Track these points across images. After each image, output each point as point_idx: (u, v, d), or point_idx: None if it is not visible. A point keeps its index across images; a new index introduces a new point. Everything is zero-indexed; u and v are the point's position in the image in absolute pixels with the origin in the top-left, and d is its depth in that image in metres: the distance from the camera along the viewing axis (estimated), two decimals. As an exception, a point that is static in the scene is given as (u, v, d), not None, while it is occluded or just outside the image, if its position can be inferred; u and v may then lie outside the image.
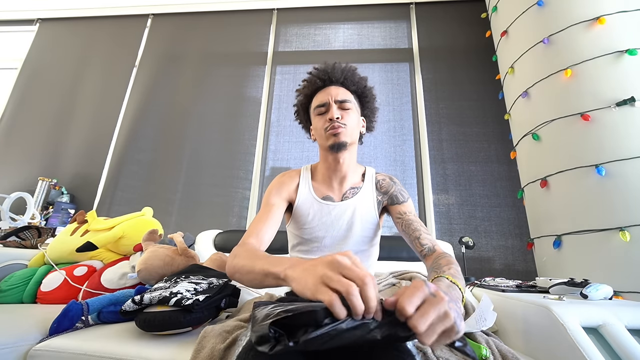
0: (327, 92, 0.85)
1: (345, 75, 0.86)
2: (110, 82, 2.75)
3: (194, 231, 1.61)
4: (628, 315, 0.70)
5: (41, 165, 2.53)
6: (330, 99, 0.83)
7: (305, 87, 0.90)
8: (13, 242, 1.40)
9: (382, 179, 0.92)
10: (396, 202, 0.87)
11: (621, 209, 1.25)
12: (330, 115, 0.81)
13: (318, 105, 0.85)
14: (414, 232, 0.80)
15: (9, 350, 0.71)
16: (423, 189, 2.16)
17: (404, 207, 0.86)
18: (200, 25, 2.86)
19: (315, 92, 0.88)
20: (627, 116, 1.31)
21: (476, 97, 2.31)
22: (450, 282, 0.53)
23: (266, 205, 0.84)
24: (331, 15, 2.75)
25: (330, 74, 0.86)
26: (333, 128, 0.81)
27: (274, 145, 2.43)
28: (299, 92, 0.93)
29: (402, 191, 0.90)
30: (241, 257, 0.64)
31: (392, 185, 0.90)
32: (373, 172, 0.94)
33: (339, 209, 0.85)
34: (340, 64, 0.88)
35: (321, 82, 0.86)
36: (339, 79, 0.86)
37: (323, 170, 0.90)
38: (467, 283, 1.23)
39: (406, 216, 0.83)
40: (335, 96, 0.84)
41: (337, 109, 0.83)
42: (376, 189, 0.90)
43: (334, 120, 0.81)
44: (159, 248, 1.13)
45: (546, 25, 1.59)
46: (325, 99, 0.84)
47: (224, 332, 0.68)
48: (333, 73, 0.86)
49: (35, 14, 3.06)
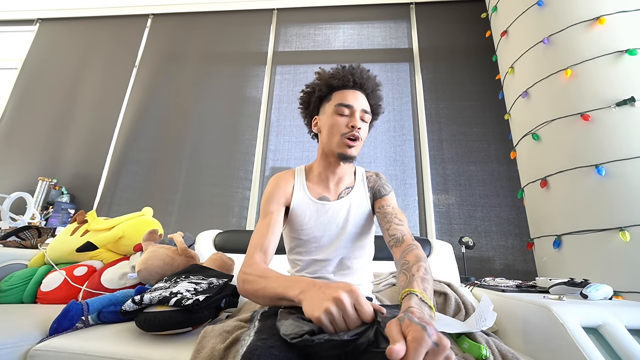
0: (355, 96, 0.83)
1: (373, 89, 0.86)
2: (110, 82, 2.75)
3: (194, 231, 1.61)
4: (628, 315, 0.69)
5: (41, 165, 2.53)
6: (358, 105, 0.82)
7: (332, 76, 0.84)
8: (13, 242, 1.40)
9: (370, 175, 0.93)
10: (378, 197, 0.88)
11: (621, 209, 1.25)
12: (354, 122, 0.79)
13: (343, 104, 0.81)
14: (385, 225, 0.80)
15: (9, 350, 0.71)
16: (423, 189, 2.16)
17: (384, 200, 0.87)
18: (200, 25, 2.86)
19: (341, 89, 0.84)
20: (627, 116, 1.31)
21: (476, 97, 2.31)
22: (421, 299, 0.52)
23: (265, 215, 0.82)
24: (331, 15, 2.75)
25: (364, 81, 0.84)
26: (352, 138, 0.80)
27: (274, 145, 2.43)
28: (320, 77, 0.87)
29: (385, 185, 0.91)
30: (252, 283, 0.66)
31: (377, 180, 0.92)
32: (363, 172, 0.95)
33: (335, 207, 0.85)
34: (372, 76, 0.86)
35: (352, 83, 0.84)
36: (367, 90, 0.85)
37: (320, 170, 0.89)
38: (467, 283, 1.23)
39: (383, 209, 0.84)
40: (364, 105, 0.83)
41: (360, 119, 0.81)
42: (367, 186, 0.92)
43: (356, 128, 0.79)
44: (159, 248, 1.13)
45: (546, 25, 1.59)
46: (353, 102, 0.82)
47: (224, 332, 0.68)
48: (367, 82, 0.84)
49: (35, 14, 3.06)
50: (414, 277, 0.58)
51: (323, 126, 0.86)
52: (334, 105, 0.82)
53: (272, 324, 0.56)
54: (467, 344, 0.68)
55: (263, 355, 0.45)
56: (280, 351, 0.46)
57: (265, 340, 0.49)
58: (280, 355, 0.46)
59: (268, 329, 0.55)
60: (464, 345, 0.69)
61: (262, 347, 0.47)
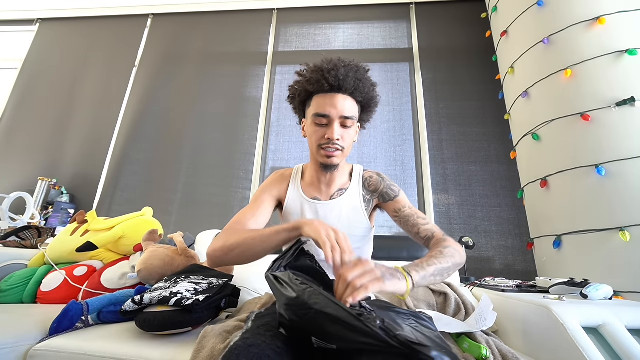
0: (332, 102, 0.74)
1: (356, 85, 0.76)
2: (110, 82, 2.75)
3: (194, 231, 1.60)
4: (628, 315, 0.70)
5: (41, 165, 2.53)
6: (335, 114, 0.74)
7: (308, 81, 0.77)
8: (13, 242, 1.40)
9: (370, 176, 0.89)
10: (388, 199, 0.85)
11: (621, 209, 1.25)
12: (330, 134, 0.74)
13: (318, 113, 0.75)
14: (412, 229, 0.79)
15: (9, 350, 0.71)
16: (423, 189, 2.16)
17: (397, 203, 0.84)
18: (200, 25, 2.86)
19: (319, 92, 0.77)
20: (627, 116, 1.31)
21: (476, 97, 2.31)
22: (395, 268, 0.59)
23: (255, 201, 0.83)
24: (331, 15, 2.75)
25: (341, 82, 0.74)
26: (329, 150, 0.76)
27: (274, 145, 2.43)
28: (299, 82, 0.81)
29: (392, 186, 0.87)
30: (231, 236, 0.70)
31: (381, 182, 0.87)
32: (360, 170, 0.90)
33: (325, 208, 0.84)
34: (353, 68, 0.76)
35: (329, 86, 0.74)
36: (348, 90, 0.75)
37: (312, 172, 0.88)
38: (467, 283, 1.23)
39: (402, 212, 0.82)
40: (341, 111, 0.75)
41: (339, 127, 0.75)
42: (364, 187, 0.88)
43: (333, 141, 0.75)
44: (159, 248, 1.13)
45: (546, 25, 1.59)
46: (328, 110, 0.74)
47: (224, 332, 0.68)
48: (346, 81, 0.74)
49: (35, 14, 3.06)
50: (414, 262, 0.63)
51: (307, 132, 0.83)
52: (312, 114, 0.77)
53: (260, 325, 0.56)
54: (467, 344, 0.69)
55: (242, 355, 0.46)
56: (259, 349, 0.47)
57: (245, 340, 0.50)
58: (260, 354, 0.46)
59: (255, 328, 0.55)
60: (464, 345, 0.69)
61: (242, 347, 0.48)
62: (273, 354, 0.47)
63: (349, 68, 0.76)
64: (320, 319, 0.44)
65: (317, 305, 0.45)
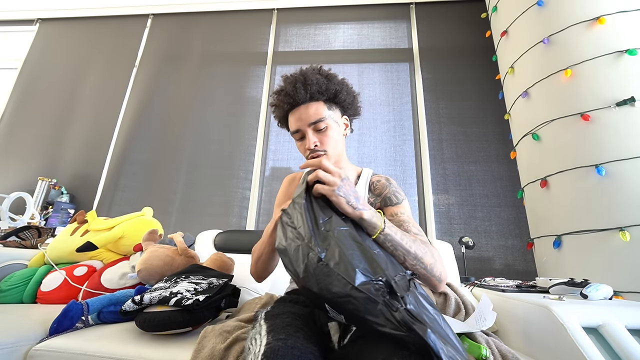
0: (297, 116, 0.79)
1: (310, 89, 0.78)
2: (110, 82, 2.75)
3: (194, 231, 1.61)
4: (628, 315, 0.69)
5: (41, 165, 2.53)
6: (303, 125, 0.78)
7: (276, 107, 0.85)
8: (13, 242, 1.40)
9: (378, 180, 0.89)
10: (389, 204, 0.84)
11: (621, 209, 1.25)
12: (308, 145, 0.78)
13: (292, 132, 0.82)
14: None
15: (9, 350, 0.71)
16: (423, 189, 2.16)
17: (397, 208, 0.83)
18: (200, 25, 2.86)
19: (286, 113, 0.84)
20: (627, 116, 1.31)
21: (476, 97, 2.31)
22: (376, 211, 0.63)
23: (275, 212, 0.88)
24: (331, 15, 2.75)
25: (294, 96, 0.78)
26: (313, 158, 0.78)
27: (274, 145, 2.43)
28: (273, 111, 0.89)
29: (397, 192, 0.86)
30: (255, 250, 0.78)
31: (387, 186, 0.86)
32: (369, 174, 0.90)
33: None
34: (300, 78, 0.80)
35: (289, 106, 0.80)
36: (305, 98, 0.78)
37: None
38: (467, 283, 1.23)
39: (397, 217, 0.80)
40: (306, 120, 0.78)
41: (313, 135, 0.78)
42: (369, 191, 0.87)
43: (312, 149, 0.78)
44: (159, 248, 1.12)
45: (546, 25, 1.59)
46: (297, 125, 0.79)
47: (224, 332, 0.68)
48: (296, 95, 0.78)
49: (35, 14, 3.06)
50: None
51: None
52: (290, 133, 0.85)
53: (283, 324, 0.56)
54: (467, 344, 0.68)
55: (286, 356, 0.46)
56: (301, 352, 0.47)
57: (285, 341, 0.49)
58: (302, 357, 0.46)
59: (281, 329, 0.54)
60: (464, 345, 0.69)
61: (284, 348, 0.47)
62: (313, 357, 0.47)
63: (296, 79, 0.80)
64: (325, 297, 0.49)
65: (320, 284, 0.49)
